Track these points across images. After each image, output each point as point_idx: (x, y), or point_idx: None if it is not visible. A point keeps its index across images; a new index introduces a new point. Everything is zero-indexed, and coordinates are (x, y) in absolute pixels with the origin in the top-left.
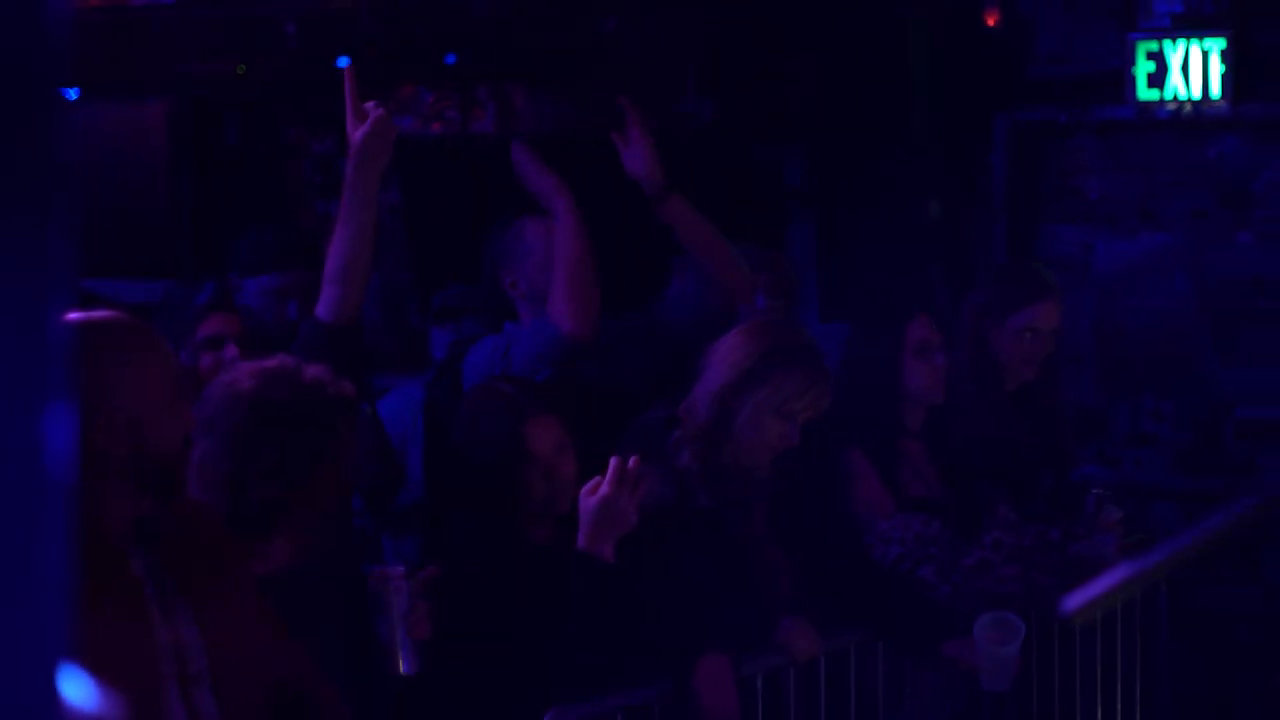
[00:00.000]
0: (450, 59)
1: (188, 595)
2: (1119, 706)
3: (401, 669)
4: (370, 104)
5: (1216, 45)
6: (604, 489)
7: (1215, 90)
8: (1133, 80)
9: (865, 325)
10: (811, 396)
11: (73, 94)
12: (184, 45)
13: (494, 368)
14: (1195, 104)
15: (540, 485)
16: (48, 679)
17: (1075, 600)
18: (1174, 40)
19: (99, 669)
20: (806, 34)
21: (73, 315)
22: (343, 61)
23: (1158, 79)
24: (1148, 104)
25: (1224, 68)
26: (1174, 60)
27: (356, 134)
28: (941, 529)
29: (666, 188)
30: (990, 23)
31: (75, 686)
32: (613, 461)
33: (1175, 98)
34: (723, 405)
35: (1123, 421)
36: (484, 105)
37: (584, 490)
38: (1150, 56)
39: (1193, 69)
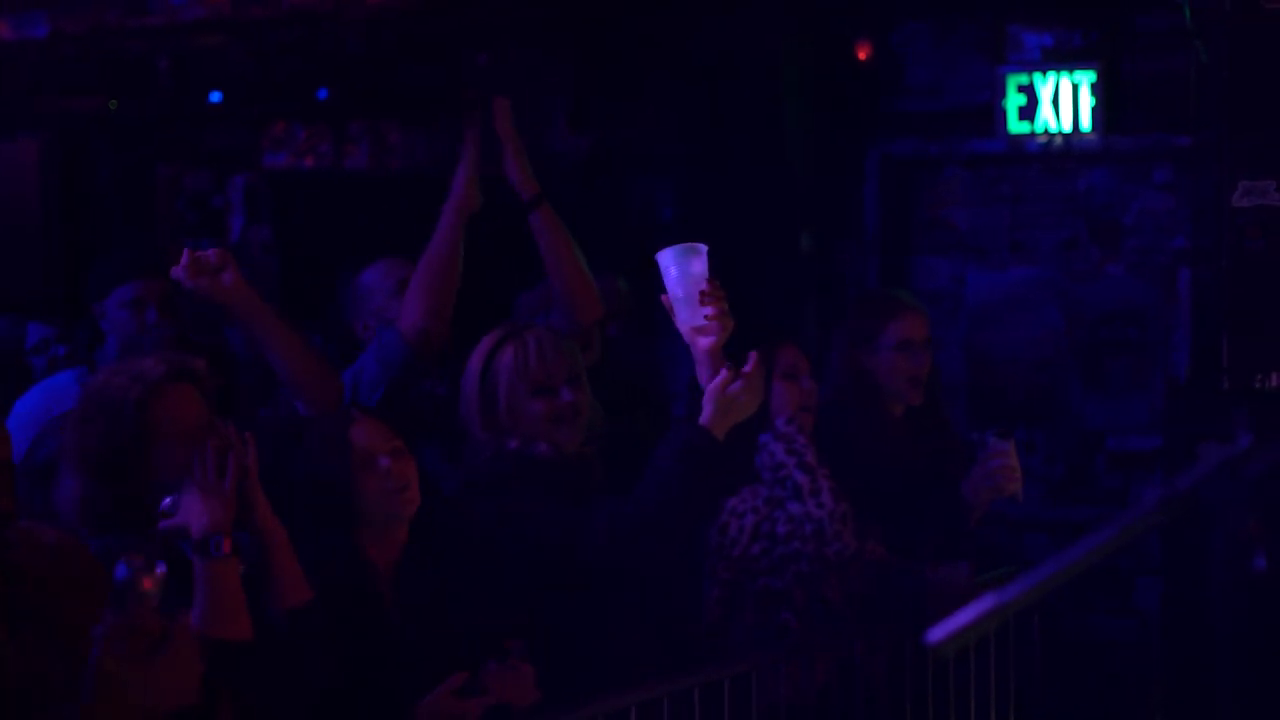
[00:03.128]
0: (322, 94)
1: (49, 627)
2: None
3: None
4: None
5: (1086, 78)
6: None
7: (1085, 123)
8: (1003, 113)
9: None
10: (535, 359)
11: None
12: (56, 82)
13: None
14: (1065, 137)
15: (376, 486)
16: None
17: (940, 631)
18: (1044, 73)
19: None
20: (678, 68)
21: None
22: (215, 97)
23: (1028, 112)
24: (1018, 137)
25: (1094, 101)
26: (1044, 93)
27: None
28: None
29: (539, 196)
30: (862, 56)
31: None
32: None
33: (1046, 130)
34: (489, 421)
35: None
36: (357, 141)
37: None
38: (1021, 90)
39: (1063, 102)
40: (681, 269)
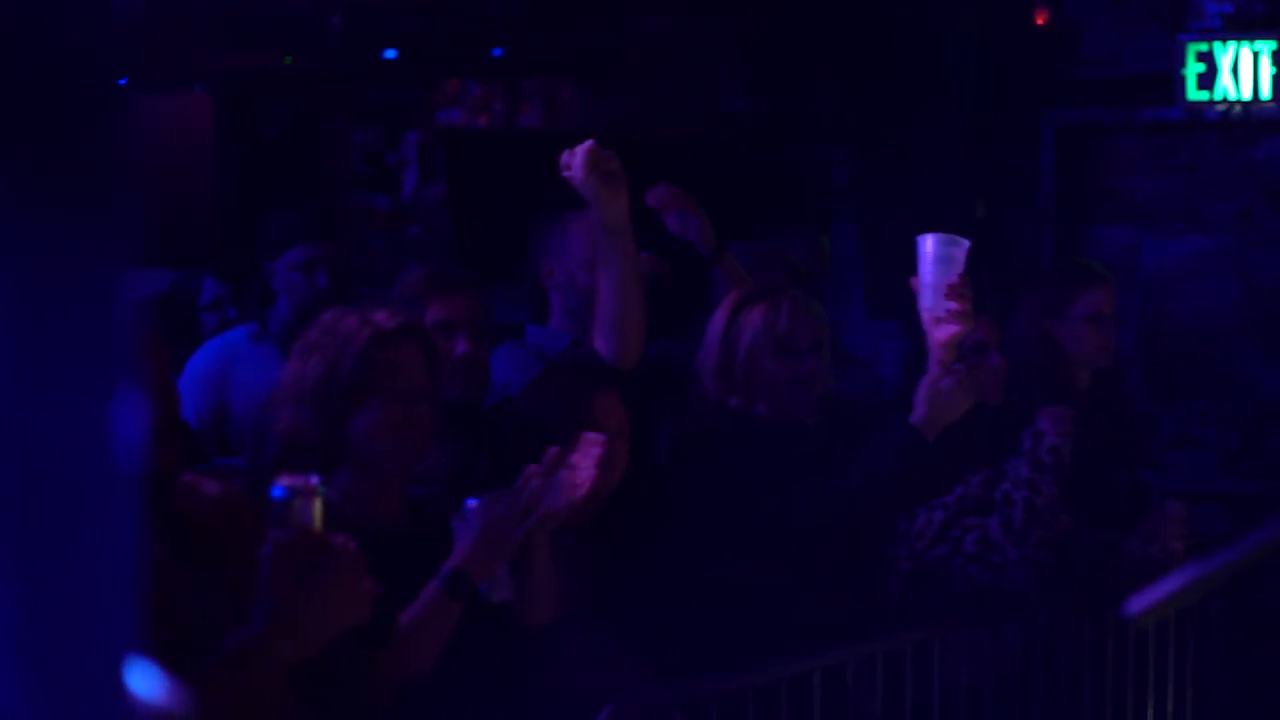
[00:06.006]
0: (497, 52)
1: (215, 572)
2: (1169, 708)
3: (501, 594)
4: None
5: (1267, 47)
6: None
7: (1265, 91)
8: (1182, 81)
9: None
10: (784, 322)
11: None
12: (229, 36)
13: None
14: (1244, 105)
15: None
16: (115, 673)
17: (1139, 602)
18: (1224, 42)
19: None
20: (854, 33)
21: None
22: (389, 53)
23: (1207, 80)
24: (1196, 105)
25: (1274, 69)
26: (1224, 61)
27: (574, 175)
28: (981, 487)
29: (719, 247)
30: (1039, 22)
31: (143, 679)
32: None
33: (1224, 99)
34: (724, 375)
35: (1168, 425)
36: (530, 99)
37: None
38: (1200, 58)
39: (1242, 70)
40: (938, 256)
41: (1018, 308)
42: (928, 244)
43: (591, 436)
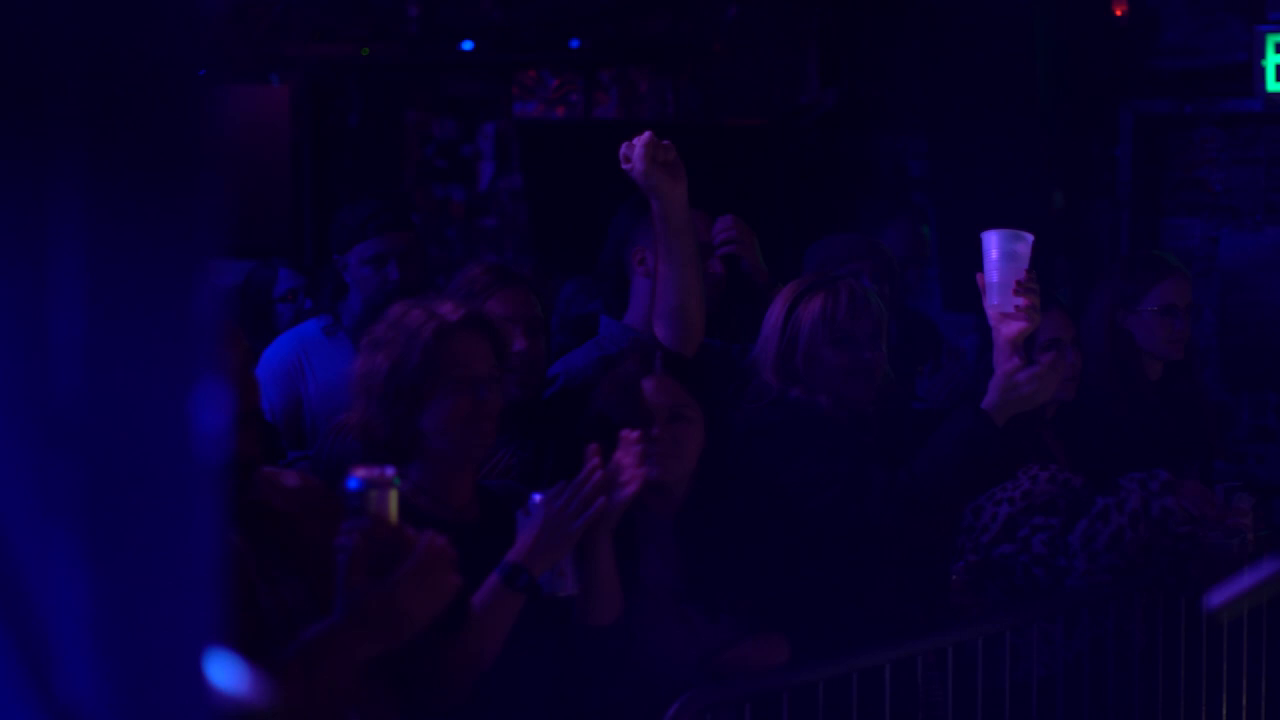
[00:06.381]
0: (574, 43)
1: (295, 563)
2: (1244, 701)
3: (566, 589)
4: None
5: None
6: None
7: None
8: (1261, 72)
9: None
10: (843, 311)
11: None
12: (308, 26)
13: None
14: None
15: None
16: (196, 664)
17: (1221, 595)
18: None
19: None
20: (931, 24)
21: None
22: (466, 45)
23: None
24: (1276, 96)
25: None
26: None
27: (633, 167)
28: (1048, 483)
29: (770, 279)
30: (1118, 13)
31: (223, 670)
32: None
33: None
34: (784, 365)
35: (1245, 416)
36: (607, 90)
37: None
38: (1279, 49)
39: None
40: (1003, 252)
41: (1091, 300)
42: (992, 241)
43: (629, 434)
